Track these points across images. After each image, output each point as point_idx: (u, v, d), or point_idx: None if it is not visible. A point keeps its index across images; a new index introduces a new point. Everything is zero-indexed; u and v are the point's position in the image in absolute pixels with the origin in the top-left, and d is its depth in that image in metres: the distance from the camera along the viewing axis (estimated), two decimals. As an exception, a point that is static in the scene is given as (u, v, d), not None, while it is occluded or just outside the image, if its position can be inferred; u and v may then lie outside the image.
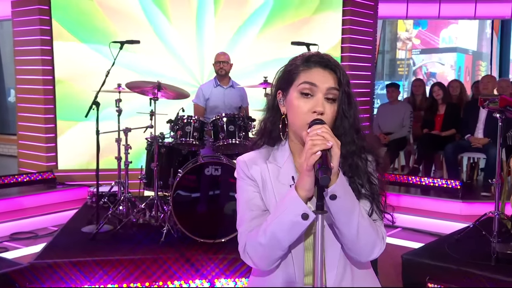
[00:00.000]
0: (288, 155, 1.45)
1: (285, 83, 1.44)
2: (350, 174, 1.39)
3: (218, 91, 5.07)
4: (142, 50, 6.14)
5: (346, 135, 1.39)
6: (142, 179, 4.68)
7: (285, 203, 1.29)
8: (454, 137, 6.33)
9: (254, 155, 1.49)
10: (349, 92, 1.39)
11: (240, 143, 4.20)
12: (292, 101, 1.39)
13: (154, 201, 4.34)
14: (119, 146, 4.75)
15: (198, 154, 4.44)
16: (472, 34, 16.91)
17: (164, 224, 4.04)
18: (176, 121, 4.29)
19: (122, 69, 5.75)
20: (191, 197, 4.01)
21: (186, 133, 4.22)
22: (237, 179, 1.48)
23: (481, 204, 5.29)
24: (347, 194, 1.28)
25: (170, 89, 4.31)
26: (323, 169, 1.18)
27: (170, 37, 6.47)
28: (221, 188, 4.03)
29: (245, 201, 1.44)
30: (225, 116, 4.25)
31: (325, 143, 1.22)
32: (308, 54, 1.43)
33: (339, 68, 1.38)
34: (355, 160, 1.39)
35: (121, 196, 4.72)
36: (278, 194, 1.41)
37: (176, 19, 6.48)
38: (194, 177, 4.02)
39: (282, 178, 1.43)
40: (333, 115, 1.38)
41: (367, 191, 1.39)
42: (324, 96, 1.36)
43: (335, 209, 1.27)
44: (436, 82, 6.59)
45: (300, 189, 1.27)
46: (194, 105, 5.08)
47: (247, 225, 1.40)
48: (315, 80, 1.36)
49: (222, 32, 6.60)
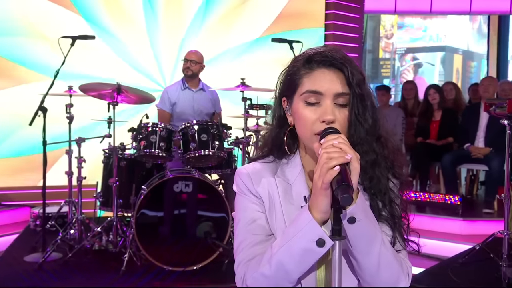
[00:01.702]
0: (300, 171, 1.42)
1: (288, 90, 1.41)
2: (372, 191, 1.36)
3: (186, 94, 5.01)
4: (99, 46, 6.02)
5: (362, 144, 1.36)
6: (98, 197, 4.61)
7: (297, 227, 1.25)
8: (452, 147, 6.43)
9: (260, 167, 1.45)
10: (362, 92, 1.35)
11: (214, 154, 4.17)
12: (298, 110, 1.37)
13: (113, 223, 4.28)
14: (70, 159, 4.65)
15: (165, 168, 4.41)
16: (462, 32, 17.36)
17: (125, 251, 3.99)
18: (139, 129, 4.23)
19: (75, 68, 5.64)
20: (157, 218, 3.98)
21: (151, 144, 4.17)
22: (237, 194, 1.44)
23: (483, 223, 5.37)
24: (368, 217, 1.25)
25: (132, 93, 4.26)
26: (344, 188, 1.14)
27: (131, 31, 6.37)
28: (192, 207, 4.00)
29: (247, 222, 1.39)
30: (197, 124, 4.22)
31: (343, 156, 1.19)
32: (309, 53, 1.39)
33: (346, 65, 1.35)
34: (376, 173, 1.36)
35: (72, 218, 4.62)
36: (288, 216, 1.37)
37: (138, 12, 6.39)
38: (160, 195, 3.98)
39: (292, 198, 1.39)
40: (346, 121, 1.35)
41: (388, 213, 1.37)
42: (333, 101, 1.34)
43: (354, 235, 1.23)
44: (431, 85, 6.69)
45: (315, 211, 1.24)
46: (158, 110, 5.01)
47: (248, 252, 1.35)
48: (319, 86, 1.34)
49: (193, 29, 6.56)
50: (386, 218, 1.36)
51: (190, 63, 4.96)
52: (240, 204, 1.43)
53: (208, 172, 4.52)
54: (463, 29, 17.28)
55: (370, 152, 1.37)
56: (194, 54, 5.01)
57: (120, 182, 4.28)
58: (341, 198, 1.13)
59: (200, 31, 6.62)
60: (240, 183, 1.43)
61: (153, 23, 6.45)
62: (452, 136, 6.40)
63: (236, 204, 1.44)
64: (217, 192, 4.02)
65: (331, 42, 7.04)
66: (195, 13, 6.63)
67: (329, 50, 1.38)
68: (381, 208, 1.36)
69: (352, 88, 1.34)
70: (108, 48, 6.21)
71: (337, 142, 1.22)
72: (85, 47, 5.14)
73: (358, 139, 1.36)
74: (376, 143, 1.38)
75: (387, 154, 1.39)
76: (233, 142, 4.48)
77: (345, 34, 7.19)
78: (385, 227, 1.36)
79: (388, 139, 1.40)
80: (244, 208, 1.41)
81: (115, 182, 4.22)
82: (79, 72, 5.80)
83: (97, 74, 5.92)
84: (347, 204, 1.14)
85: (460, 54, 17.44)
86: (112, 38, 6.22)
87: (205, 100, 5.07)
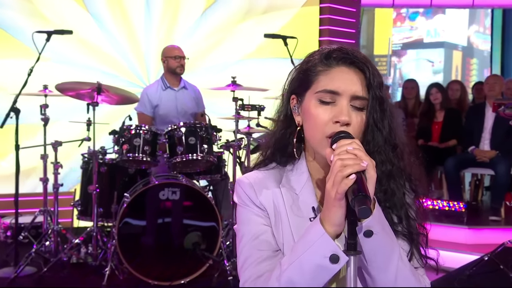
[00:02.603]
0: (307, 179, 1.40)
1: (300, 86, 1.39)
2: (387, 204, 1.34)
3: (168, 94, 4.95)
4: (78, 43, 5.98)
5: (380, 152, 1.34)
6: (76, 206, 4.57)
7: (308, 242, 1.23)
8: (455, 150, 6.46)
9: (263, 176, 1.43)
10: (382, 96, 1.34)
11: (202, 159, 4.16)
12: (309, 109, 1.35)
13: (92, 234, 4.25)
14: (45, 165, 4.60)
15: (149, 174, 4.38)
16: (461, 27, 17.47)
17: (106, 264, 3.96)
18: (121, 132, 4.20)
19: (51, 66, 5.58)
20: (141, 228, 3.96)
21: (134, 147, 4.14)
22: (239, 206, 1.41)
23: (490, 231, 5.40)
24: (385, 230, 1.23)
25: (113, 92, 4.24)
26: (361, 198, 1.13)
27: (112, 27, 6.33)
28: (179, 215, 3.99)
29: (251, 236, 1.37)
30: (184, 126, 4.20)
31: (358, 163, 1.18)
32: (328, 49, 1.38)
33: (368, 66, 1.34)
34: (391, 185, 1.35)
35: (47, 229, 4.57)
36: (296, 230, 1.35)
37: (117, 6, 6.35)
38: (145, 203, 3.96)
39: (300, 209, 1.37)
40: (361, 126, 1.33)
41: (404, 227, 1.35)
42: (350, 103, 1.32)
43: (370, 250, 1.22)
44: (433, 84, 6.72)
45: (328, 224, 1.22)
46: (138, 114, 4.91)
47: (255, 269, 1.32)
48: (337, 86, 1.32)
49: (178, 23, 6.54)
50: (402, 233, 1.35)
51: (182, 60, 4.92)
52: (243, 217, 1.40)
53: (196, 178, 4.50)
54: (463, 24, 17.39)
55: (387, 162, 1.35)
56: (179, 50, 4.96)
57: (100, 189, 4.24)
58: (358, 210, 1.11)
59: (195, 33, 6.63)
60: (242, 193, 1.41)
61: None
62: (455, 138, 6.43)
63: (238, 217, 1.42)
64: (206, 200, 4.00)
65: (326, 38, 7.04)
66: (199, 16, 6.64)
67: (349, 48, 1.36)
68: (397, 223, 1.35)
69: (372, 90, 1.33)
70: (92, 44, 6.17)
71: (351, 148, 1.20)
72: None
73: (375, 146, 1.35)
74: (393, 152, 1.36)
75: (403, 166, 1.38)
76: (223, 145, 4.45)
77: (341, 29, 7.19)
78: (401, 241, 1.34)
79: (404, 150, 1.39)
80: (248, 221, 1.39)
81: (95, 189, 4.18)
82: (56, 70, 5.74)
83: (76, 72, 5.88)
84: (365, 217, 1.13)
85: (459, 51, 17.54)
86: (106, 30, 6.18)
87: (189, 99, 5.03)
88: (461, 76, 17.18)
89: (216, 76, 6.16)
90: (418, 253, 1.36)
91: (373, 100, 1.34)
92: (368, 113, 1.34)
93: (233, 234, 4.19)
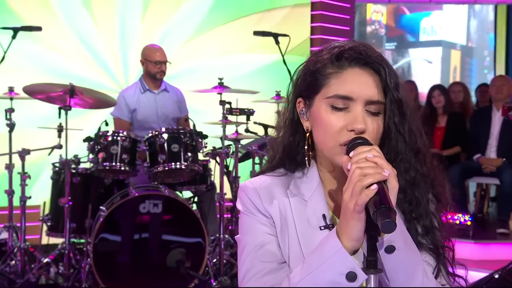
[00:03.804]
0: (317, 185, 1.41)
1: (308, 90, 1.39)
2: (413, 215, 1.35)
3: (147, 98, 4.95)
4: (48, 40, 5.95)
5: (402, 159, 1.35)
6: (46, 221, 4.52)
7: (322, 256, 1.23)
8: (459, 157, 6.51)
9: (269, 181, 1.43)
10: (400, 98, 1.35)
11: (186, 168, 4.16)
12: (320, 115, 1.35)
13: (64, 251, 4.19)
14: (11, 175, 4.55)
15: (127, 185, 4.37)
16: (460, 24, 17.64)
17: (80, 285, 3.95)
18: (97, 138, 4.19)
19: (17, 66, 5.51)
20: (119, 244, 3.96)
21: (111, 156, 4.13)
22: (243, 214, 1.42)
23: (498, 246, 5.44)
24: (407, 245, 1.24)
25: (88, 95, 4.23)
26: (384, 211, 1.13)
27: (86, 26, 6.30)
28: (162, 231, 3.99)
29: (255, 247, 1.37)
30: (166, 132, 4.20)
31: (380, 172, 1.18)
32: (339, 48, 1.37)
33: (384, 66, 1.35)
34: (416, 194, 1.36)
35: (13, 247, 4.51)
36: (304, 239, 1.35)
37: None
38: (123, 217, 3.96)
39: (309, 217, 1.37)
40: (378, 132, 1.34)
41: (429, 242, 1.36)
42: (365, 108, 1.32)
43: (392, 267, 1.22)
44: (436, 85, 6.79)
45: (345, 238, 1.22)
46: (115, 119, 4.89)
47: (257, 283, 1.33)
48: (350, 90, 1.32)
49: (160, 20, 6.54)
50: (427, 246, 1.36)
51: (163, 65, 4.91)
52: (246, 225, 1.41)
53: (180, 189, 4.50)
54: (462, 21, 17.56)
55: (410, 170, 1.36)
56: (160, 53, 4.93)
57: (73, 202, 4.19)
58: (381, 224, 1.12)
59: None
60: (245, 200, 1.41)
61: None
62: (459, 145, 6.48)
63: (241, 226, 1.42)
64: (191, 213, 4.00)
65: (318, 36, 7.08)
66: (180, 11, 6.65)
67: (361, 46, 1.36)
68: (421, 235, 1.35)
69: (390, 93, 1.34)
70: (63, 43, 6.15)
71: (371, 156, 1.21)
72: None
73: (396, 154, 1.35)
74: (415, 159, 1.37)
75: (427, 172, 1.39)
76: (209, 153, 4.46)
77: (334, 26, 7.24)
78: (426, 255, 1.35)
79: (426, 153, 1.39)
80: (251, 230, 1.39)
81: (67, 202, 4.13)
82: (24, 70, 5.70)
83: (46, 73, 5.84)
84: (389, 231, 1.13)
85: (458, 50, 17.70)
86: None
87: (170, 103, 5.03)
88: (459, 77, 17.33)
89: (201, 77, 6.14)
90: (445, 269, 1.36)
91: (391, 104, 1.35)
92: (387, 118, 1.35)
93: (220, 252, 4.18)
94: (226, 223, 4.70)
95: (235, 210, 4.70)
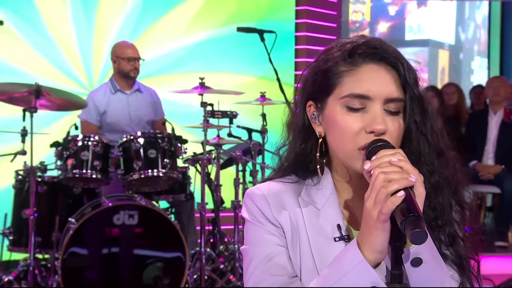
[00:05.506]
0: (331, 193, 1.39)
1: (319, 91, 1.38)
2: (439, 222, 1.34)
3: (118, 99, 4.91)
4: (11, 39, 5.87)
5: (426, 162, 1.34)
6: (7, 234, 4.44)
7: (342, 269, 1.22)
8: (454, 164, 6.55)
9: (279, 188, 1.42)
10: (421, 95, 1.35)
11: (164, 175, 4.16)
12: (335, 118, 1.34)
13: (29, 268, 4.13)
14: (-31, 184, 4.50)
15: (98, 194, 4.34)
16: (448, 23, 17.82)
17: None
18: (65, 144, 4.16)
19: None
20: (90, 260, 3.94)
21: (81, 162, 4.11)
22: (249, 223, 1.41)
23: (497, 259, 5.49)
24: (434, 257, 1.24)
25: (55, 95, 4.20)
26: (413, 220, 1.12)
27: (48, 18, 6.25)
28: (137, 244, 4.00)
29: (263, 259, 1.35)
30: (142, 136, 4.19)
31: (406, 178, 1.18)
32: (351, 44, 1.36)
33: (401, 60, 1.34)
34: (440, 200, 1.35)
35: (-29, 263, 4.45)
36: (317, 252, 1.34)
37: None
38: (95, 230, 3.95)
39: (322, 227, 1.36)
40: (399, 133, 1.33)
41: (454, 253, 1.35)
42: (383, 107, 1.31)
43: (418, 281, 1.22)
44: (429, 87, 6.85)
45: (367, 250, 1.21)
46: (82, 122, 4.84)
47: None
48: (366, 88, 1.31)
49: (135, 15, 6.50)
50: (451, 259, 1.35)
51: (136, 62, 4.88)
52: (253, 235, 1.39)
53: (156, 199, 4.48)
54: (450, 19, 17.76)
55: (435, 173, 1.35)
56: (133, 49, 4.91)
57: (38, 213, 4.16)
58: (411, 234, 1.11)
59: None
60: (253, 208, 1.40)
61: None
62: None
63: (247, 236, 1.41)
64: (170, 225, 4.00)
65: (303, 33, 7.10)
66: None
67: (375, 40, 1.36)
68: (445, 246, 1.34)
69: (410, 89, 1.33)
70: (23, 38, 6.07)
71: (396, 159, 1.20)
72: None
73: (419, 156, 1.34)
74: (438, 160, 1.36)
75: (450, 176, 1.37)
76: (189, 159, 4.44)
77: (320, 23, 7.26)
78: (450, 269, 1.35)
79: (449, 155, 1.38)
80: (259, 241, 1.38)
81: (32, 214, 4.08)
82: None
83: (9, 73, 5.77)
84: (420, 243, 1.12)
85: (446, 50, 17.90)
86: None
87: (144, 104, 5.01)
88: (448, 79, 17.53)
89: (180, 77, 6.14)
90: (470, 284, 1.36)
91: (412, 101, 1.34)
92: (408, 116, 1.34)
93: (201, 267, 4.15)
94: (208, 235, 4.68)
95: (217, 221, 4.70)
